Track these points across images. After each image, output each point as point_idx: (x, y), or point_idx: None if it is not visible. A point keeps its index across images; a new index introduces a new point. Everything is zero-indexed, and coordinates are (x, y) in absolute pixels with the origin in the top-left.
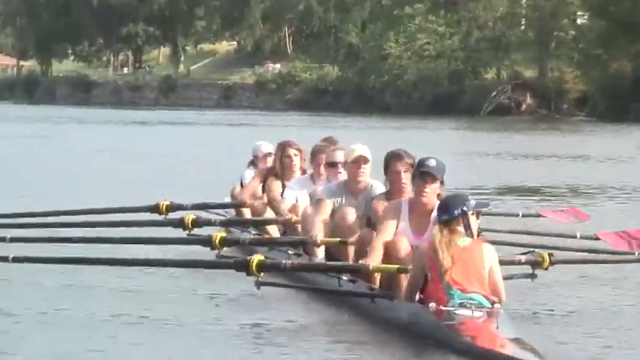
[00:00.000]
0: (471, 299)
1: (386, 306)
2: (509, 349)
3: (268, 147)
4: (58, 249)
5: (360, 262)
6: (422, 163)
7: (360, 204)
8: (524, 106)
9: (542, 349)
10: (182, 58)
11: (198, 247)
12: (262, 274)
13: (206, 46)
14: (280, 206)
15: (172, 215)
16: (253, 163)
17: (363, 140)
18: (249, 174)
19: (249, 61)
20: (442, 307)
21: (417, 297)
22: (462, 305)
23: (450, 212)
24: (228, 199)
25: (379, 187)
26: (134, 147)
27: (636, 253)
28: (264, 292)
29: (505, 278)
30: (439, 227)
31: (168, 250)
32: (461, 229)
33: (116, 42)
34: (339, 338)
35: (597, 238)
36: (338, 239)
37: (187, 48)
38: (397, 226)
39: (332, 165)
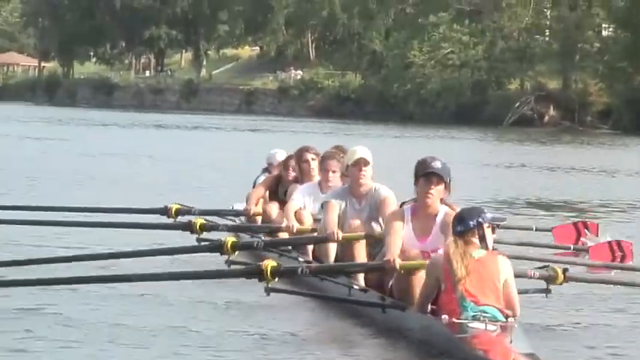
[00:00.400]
0: (485, 312)
1: (397, 317)
2: None
3: (283, 155)
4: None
5: (385, 259)
6: (427, 164)
7: (363, 208)
8: (547, 118)
9: None
10: (204, 63)
11: (206, 252)
12: (276, 279)
13: (228, 51)
14: (289, 213)
15: (181, 219)
16: (267, 170)
17: (384, 149)
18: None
19: (271, 67)
20: (455, 320)
21: (430, 308)
22: (475, 318)
23: (466, 223)
24: (243, 204)
25: (383, 190)
26: (152, 150)
27: None
28: (273, 300)
29: (519, 293)
30: (454, 238)
31: (177, 256)
32: (476, 240)
33: (138, 45)
34: (349, 349)
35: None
36: (360, 234)
37: (210, 52)
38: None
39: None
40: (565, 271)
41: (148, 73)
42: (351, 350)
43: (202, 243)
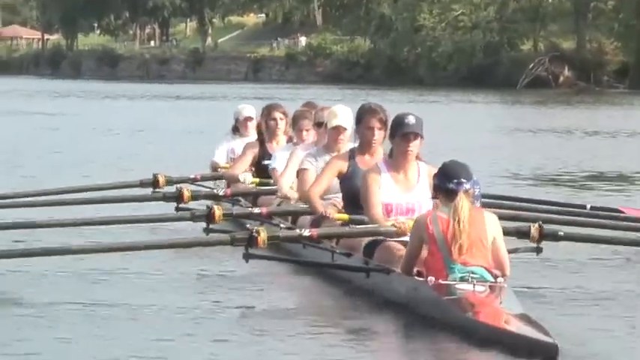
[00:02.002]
0: (473, 273)
1: (382, 280)
2: (514, 325)
3: (249, 110)
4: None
5: (390, 225)
6: (401, 122)
7: None
8: (562, 79)
9: (548, 325)
10: (209, 31)
11: (185, 223)
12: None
13: (234, 19)
14: (275, 174)
15: (166, 189)
16: (236, 128)
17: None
18: (224, 144)
19: (277, 34)
20: (442, 282)
21: (415, 270)
22: (463, 279)
23: (470, 180)
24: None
25: None
26: (155, 122)
27: None
28: (252, 268)
29: (508, 252)
30: (461, 197)
31: (157, 227)
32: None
33: (142, 15)
34: (334, 314)
35: (618, 211)
36: (347, 216)
37: (214, 20)
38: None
39: (319, 125)
40: (541, 227)
41: (152, 43)
42: (335, 316)
43: (186, 212)
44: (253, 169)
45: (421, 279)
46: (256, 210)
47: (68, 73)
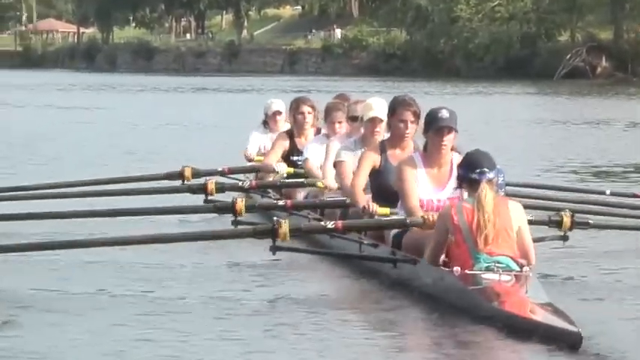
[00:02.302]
0: (499, 262)
1: (409, 271)
2: (540, 315)
3: (278, 105)
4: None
5: (420, 215)
6: (435, 116)
7: None
8: (599, 70)
9: (574, 315)
10: (245, 24)
11: (215, 215)
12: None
13: (270, 11)
14: (307, 165)
15: (193, 182)
16: (266, 122)
17: (432, 106)
18: (256, 135)
19: (313, 26)
20: (468, 272)
21: (441, 261)
22: (488, 269)
23: (494, 169)
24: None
25: None
26: (190, 116)
27: None
28: (279, 260)
29: (534, 241)
30: (484, 187)
31: (185, 218)
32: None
33: (178, 7)
34: (361, 305)
35: (635, 196)
36: (388, 210)
37: (250, 13)
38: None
39: (353, 119)
40: (573, 215)
41: (188, 36)
42: (363, 306)
43: (212, 204)
44: (282, 161)
45: (447, 269)
46: (281, 202)
47: (103, 66)
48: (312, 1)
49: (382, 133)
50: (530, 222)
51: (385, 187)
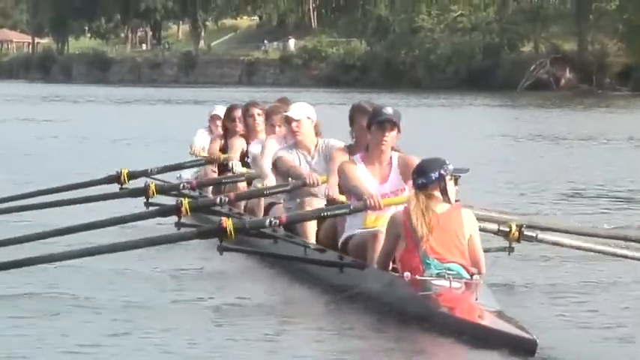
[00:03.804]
0: (450, 269)
1: (356, 275)
2: (489, 321)
3: (219, 109)
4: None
5: (364, 197)
6: (378, 112)
7: (317, 161)
8: (563, 81)
9: (525, 321)
10: (202, 34)
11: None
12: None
13: (227, 21)
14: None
15: (131, 183)
16: (209, 127)
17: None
18: (201, 133)
19: (271, 37)
20: (418, 277)
21: (391, 266)
22: (439, 276)
23: (427, 176)
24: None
25: (334, 142)
26: (141, 128)
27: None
28: (224, 264)
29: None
30: (415, 192)
31: (129, 225)
32: (438, 194)
33: (134, 18)
34: (306, 310)
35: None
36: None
37: (207, 23)
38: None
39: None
40: (520, 227)
41: (144, 46)
42: (309, 311)
43: (155, 209)
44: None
45: (397, 274)
46: (223, 196)
47: (59, 77)
48: (270, 12)
49: (302, 133)
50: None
51: None
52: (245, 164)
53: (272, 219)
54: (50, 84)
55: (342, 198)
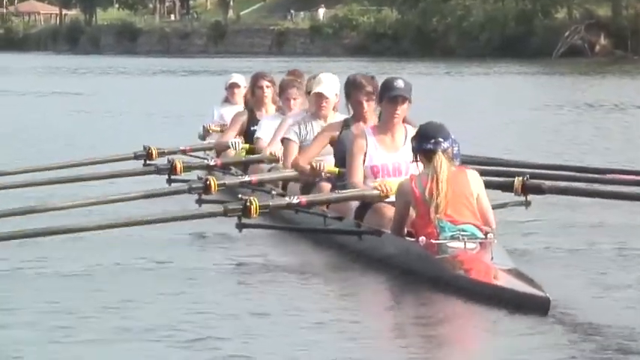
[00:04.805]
0: (464, 230)
1: (374, 242)
2: (507, 281)
3: (237, 78)
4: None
5: (373, 186)
6: (390, 86)
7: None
8: (598, 47)
9: (539, 279)
10: (231, 3)
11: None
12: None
13: None
14: (260, 144)
15: (158, 161)
16: (227, 99)
17: (425, 88)
18: (216, 109)
19: (301, 5)
20: (433, 241)
21: (406, 231)
22: (453, 238)
23: (448, 139)
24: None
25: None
26: (166, 100)
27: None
28: (245, 236)
29: (496, 208)
30: (439, 156)
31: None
32: (442, 157)
33: None
34: (328, 277)
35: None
36: (337, 169)
37: None
38: (366, 152)
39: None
40: (525, 179)
41: (172, 16)
42: (330, 278)
43: (180, 185)
44: (242, 137)
45: (412, 239)
46: (246, 178)
47: (87, 48)
48: None
49: (329, 109)
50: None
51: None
52: (247, 138)
53: (293, 200)
54: (78, 55)
55: (324, 166)
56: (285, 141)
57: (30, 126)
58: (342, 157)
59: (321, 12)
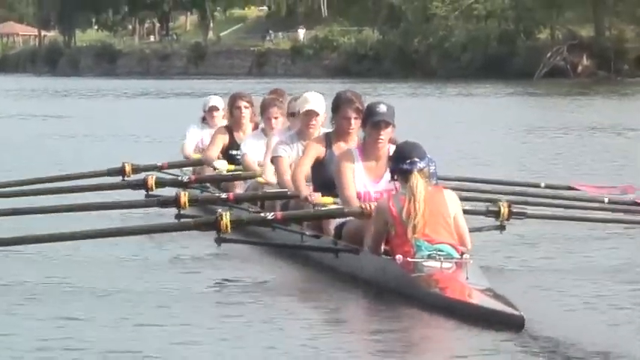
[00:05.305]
0: (440, 250)
1: (351, 260)
2: (481, 300)
3: (216, 100)
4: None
5: (359, 205)
6: (372, 111)
7: None
8: (580, 68)
9: (513, 299)
10: (211, 25)
11: (156, 209)
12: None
13: (235, 12)
14: (246, 160)
15: (133, 177)
16: (204, 118)
17: (406, 107)
18: (193, 131)
19: (281, 27)
20: (410, 259)
21: (382, 249)
22: (430, 257)
23: (424, 159)
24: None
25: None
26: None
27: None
28: (223, 252)
29: (472, 231)
30: (415, 176)
31: (127, 213)
32: (420, 177)
33: (142, 9)
34: (304, 295)
35: (571, 188)
36: (332, 199)
37: (216, 14)
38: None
39: (293, 115)
40: (510, 205)
41: (152, 38)
42: (306, 296)
43: (153, 199)
44: (221, 156)
45: (389, 257)
46: (223, 195)
47: (66, 70)
48: (279, 1)
49: (318, 127)
50: (468, 212)
51: (328, 178)
52: (229, 158)
53: (269, 216)
54: (58, 77)
55: (318, 198)
56: (275, 159)
57: (8, 146)
58: (325, 180)
59: (301, 33)
